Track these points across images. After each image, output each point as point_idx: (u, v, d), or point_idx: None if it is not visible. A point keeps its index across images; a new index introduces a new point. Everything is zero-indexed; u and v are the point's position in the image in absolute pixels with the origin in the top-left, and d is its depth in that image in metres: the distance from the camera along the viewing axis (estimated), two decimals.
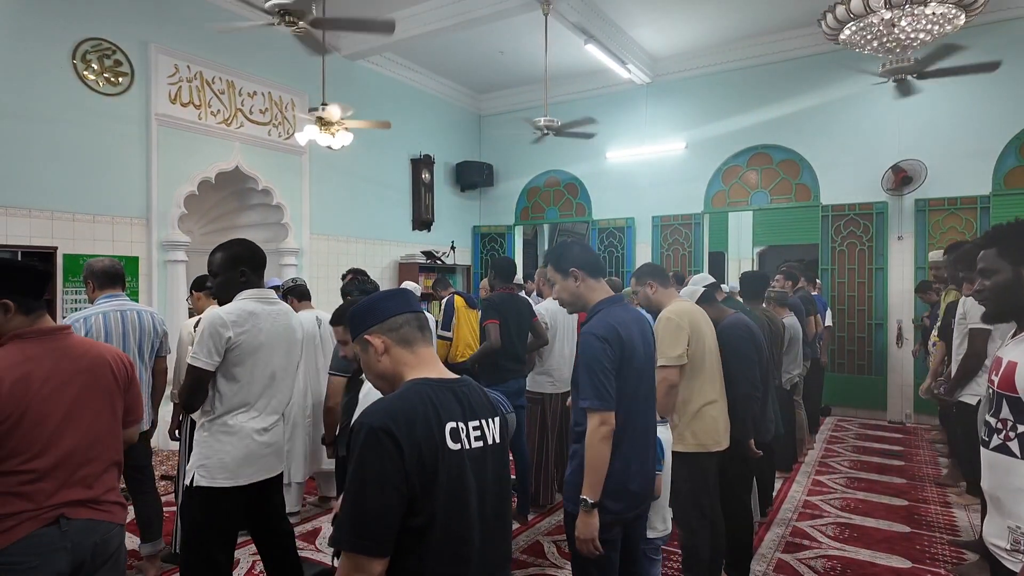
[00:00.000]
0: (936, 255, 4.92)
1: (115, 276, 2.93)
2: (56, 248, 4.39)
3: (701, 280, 3.02)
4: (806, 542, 3.45)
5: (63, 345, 1.63)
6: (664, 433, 2.32)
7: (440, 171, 8.44)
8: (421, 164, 8.06)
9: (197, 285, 3.45)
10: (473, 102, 9.02)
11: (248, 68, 5.90)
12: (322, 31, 4.34)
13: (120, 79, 4.96)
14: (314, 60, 5.36)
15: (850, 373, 6.74)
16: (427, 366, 1.32)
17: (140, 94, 5.09)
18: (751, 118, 7.25)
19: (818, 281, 6.44)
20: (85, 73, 4.75)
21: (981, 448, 1.47)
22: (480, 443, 1.27)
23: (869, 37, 4.52)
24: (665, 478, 2.28)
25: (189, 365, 2.16)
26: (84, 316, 2.77)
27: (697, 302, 2.83)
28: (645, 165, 7.93)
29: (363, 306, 1.38)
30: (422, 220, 8.13)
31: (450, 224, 8.67)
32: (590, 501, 1.81)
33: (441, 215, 8.43)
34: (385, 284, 7.14)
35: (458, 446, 1.22)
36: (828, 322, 5.95)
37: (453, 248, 8.42)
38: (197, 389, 2.17)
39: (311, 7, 4.07)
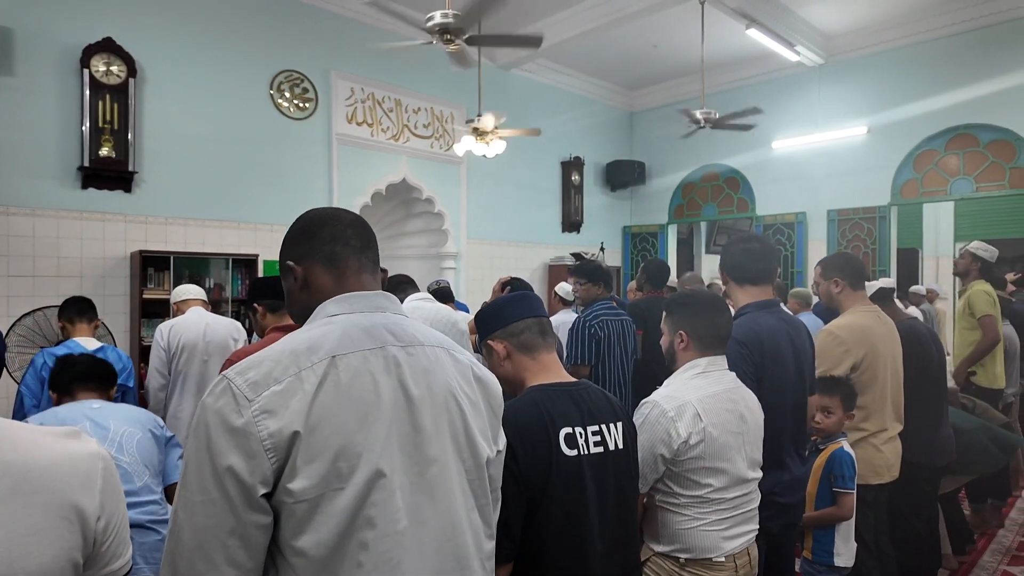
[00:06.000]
0: None
1: None
2: (258, 255, 5.06)
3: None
4: None
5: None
6: (851, 450, 2.10)
7: (590, 172, 8.39)
8: (571, 166, 8.08)
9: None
10: (624, 100, 8.86)
11: (413, 86, 6.33)
12: (477, 47, 4.52)
13: (307, 104, 5.59)
14: (471, 74, 5.60)
15: None
16: (547, 372, 1.33)
17: (323, 116, 5.69)
18: (950, 95, 6.27)
19: None
20: (280, 101, 5.42)
21: None
22: (600, 448, 1.26)
23: None
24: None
25: None
26: None
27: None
28: (818, 154, 7.21)
29: (488, 311, 1.40)
30: (571, 222, 8.15)
31: (599, 225, 8.59)
32: None
33: (591, 216, 8.38)
34: (536, 286, 7.27)
35: (574, 452, 1.22)
36: None
37: (602, 249, 8.34)
38: None
39: (470, 25, 4.23)
